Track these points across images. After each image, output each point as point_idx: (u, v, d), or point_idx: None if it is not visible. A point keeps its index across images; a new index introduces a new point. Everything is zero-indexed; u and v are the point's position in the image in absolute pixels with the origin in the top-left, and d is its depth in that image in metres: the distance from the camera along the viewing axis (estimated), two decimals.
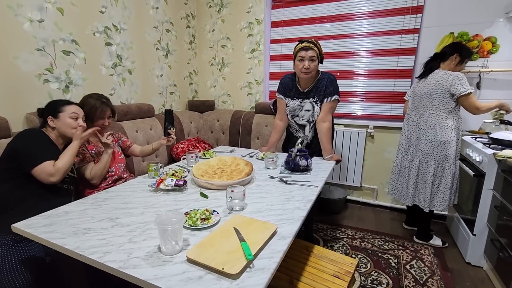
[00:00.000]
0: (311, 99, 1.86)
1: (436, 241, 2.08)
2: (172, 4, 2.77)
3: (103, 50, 2.11)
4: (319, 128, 1.85)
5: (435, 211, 2.01)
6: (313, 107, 1.85)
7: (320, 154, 1.89)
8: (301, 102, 1.88)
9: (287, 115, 1.96)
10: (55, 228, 0.92)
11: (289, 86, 1.93)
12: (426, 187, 1.97)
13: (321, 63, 1.80)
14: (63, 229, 0.91)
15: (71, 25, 1.86)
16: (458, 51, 1.88)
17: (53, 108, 1.40)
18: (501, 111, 1.93)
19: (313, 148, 1.94)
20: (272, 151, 1.96)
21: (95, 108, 1.54)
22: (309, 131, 1.93)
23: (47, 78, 1.75)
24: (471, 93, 1.79)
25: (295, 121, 1.94)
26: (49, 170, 1.24)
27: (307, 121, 1.90)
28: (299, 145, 1.57)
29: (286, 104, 1.94)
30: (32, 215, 1.00)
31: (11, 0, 1.54)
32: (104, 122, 1.59)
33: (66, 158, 1.30)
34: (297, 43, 1.79)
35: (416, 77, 2.12)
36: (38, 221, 0.96)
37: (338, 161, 1.86)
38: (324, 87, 1.82)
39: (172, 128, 1.68)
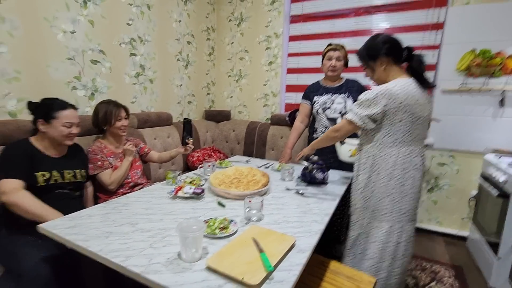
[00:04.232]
0: (342, 95, 1.90)
1: None
2: (194, 17, 2.87)
3: (128, 60, 2.20)
4: None
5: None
6: (345, 101, 1.89)
7: None
8: (331, 96, 1.92)
9: (317, 111, 1.95)
10: (79, 230, 0.95)
11: (315, 88, 2.03)
12: None
13: (346, 66, 1.93)
14: (86, 232, 0.94)
15: (100, 36, 1.95)
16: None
17: (47, 112, 1.31)
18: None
19: None
20: (287, 160, 2.00)
21: (110, 112, 1.60)
22: None
23: (75, 85, 1.84)
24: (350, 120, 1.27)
25: (326, 115, 1.92)
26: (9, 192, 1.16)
27: (340, 113, 1.89)
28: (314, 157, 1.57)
29: (315, 102, 1.97)
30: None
31: (48, 13, 1.64)
32: (123, 123, 1.64)
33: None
34: (327, 46, 1.93)
35: None
36: (63, 223, 1.00)
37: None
38: (356, 88, 1.91)
39: (190, 139, 1.71)
